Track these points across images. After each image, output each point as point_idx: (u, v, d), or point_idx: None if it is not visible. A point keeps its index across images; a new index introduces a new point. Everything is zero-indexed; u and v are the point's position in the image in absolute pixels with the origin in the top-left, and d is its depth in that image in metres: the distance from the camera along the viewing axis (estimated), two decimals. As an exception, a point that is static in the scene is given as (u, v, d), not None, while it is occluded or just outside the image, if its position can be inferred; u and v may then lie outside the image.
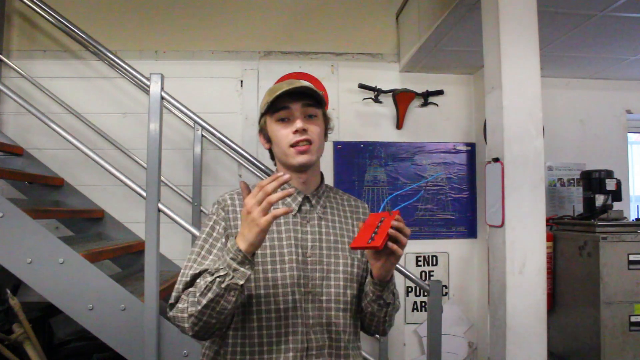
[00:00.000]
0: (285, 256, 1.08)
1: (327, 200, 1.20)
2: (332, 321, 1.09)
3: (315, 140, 1.11)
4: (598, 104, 3.20)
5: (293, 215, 1.13)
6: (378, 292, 1.08)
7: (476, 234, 3.10)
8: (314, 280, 1.09)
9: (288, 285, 1.07)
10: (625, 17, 2.20)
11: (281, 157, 1.14)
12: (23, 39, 2.95)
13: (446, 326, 2.59)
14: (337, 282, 1.11)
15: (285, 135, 1.10)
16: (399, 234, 0.98)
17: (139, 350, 1.81)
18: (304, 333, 1.06)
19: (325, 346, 1.08)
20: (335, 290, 1.10)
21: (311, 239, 1.12)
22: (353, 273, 1.14)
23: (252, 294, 1.06)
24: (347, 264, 1.13)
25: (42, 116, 2.05)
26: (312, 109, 1.12)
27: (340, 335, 1.10)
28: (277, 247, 1.09)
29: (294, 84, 1.11)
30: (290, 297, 1.07)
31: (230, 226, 1.11)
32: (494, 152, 1.74)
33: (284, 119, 1.11)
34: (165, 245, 2.07)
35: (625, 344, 2.25)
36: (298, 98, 1.10)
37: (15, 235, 1.86)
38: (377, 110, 3.08)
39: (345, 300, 1.11)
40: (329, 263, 1.11)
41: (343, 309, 1.11)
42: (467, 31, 2.34)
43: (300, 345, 1.05)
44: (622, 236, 2.28)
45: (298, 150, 1.09)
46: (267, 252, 1.08)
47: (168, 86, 1.96)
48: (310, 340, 1.07)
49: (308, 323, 1.07)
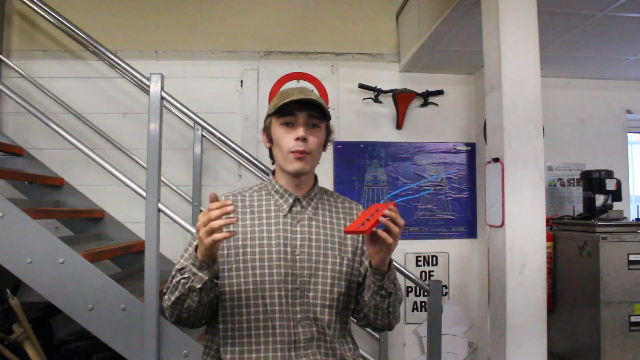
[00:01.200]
0: (273, 254, 1.14)
1: (320, 202, 1.25)
2: (317, 317, 1.14)
3: (313, 151, 1.18)
4: (598, 104, 3.21)
5: (283, 215, 1.19)
6: (379, 282, 1.11)
7: (476, 234, 3.10)
8: (302, 277, 1.15)
9: (275, 282, 1.13)
10: (625, 17, 2.20)
11: (279, 159, 1.20)
12: (23, 39, 2.95)
13: (446, 326, 2.59)
14: (324, 279, 1.16)
15: (288, 140, 1.16)
16: (389, 222, 1.00)
17: (139, 350, 1.81)
18: (291, 327, 1.12)
19: (313, 339, 1.14)
20: (322, 287, 1.15)
21: (300, 238, 1.18)
22: (342, 272, 1.18)
23: (241, 289, 1.13)
24: (335, 262, 1.18)
25: (42, 116, 2.05)
26: (317, 120, 1.18)
27: (325, 330, 1.15)
28: (266, 246, 1.15)
29: (306, 94, 1.17)
30: (276, 292, 1.12)
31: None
32: (494, 152, 1.74)
33: (288, 124, 1.17)
34: (165, 245, 2.07)
35: (625, 344, 2.25)
36: (305, 107, 1.16)
37: (15, 235, 1.86)
38: (377, 110, 3.08)
39: (332, 297, 1.16)
40: (318, 261, 1.16)
41: (329, 306, 1.16)
42: (467, 31, 2.34)
43: (288, 338, 1.11)
44: (622, 236, 2.28)
45: (296, 156, 1.15)
46: (256, 249, 1.15)
47: (168, 86, 1.96)
48: (298, 334, 1.12)
49: (295, 317, 1.13)
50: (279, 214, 1.19)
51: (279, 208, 1.20)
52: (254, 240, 1.16)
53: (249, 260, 1.14)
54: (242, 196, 1.24)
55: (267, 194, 1.23)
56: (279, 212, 1.20)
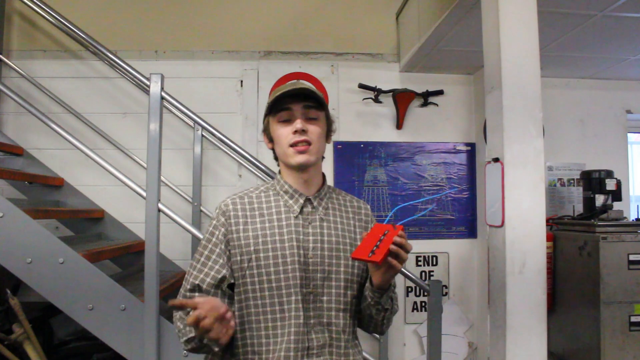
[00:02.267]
0: (287, 257, 1.10)
1: (329, 201, 1.22)
2: (332, 321, 1.11)
3: (315, 141, 1.13)
4: (598, 104, 3.21)
5: (295, 216, 1.15)
6: (376, 298, 1.11)
7: (476, 234, 3.10)
8: (315, 281, 1.11)
9: (291, 287, 1.09)
10: (625, 17, 2.20)
11: (282, 156, 1.17)
12: (23, 39, 2.95)
13: (446, 326, 2.59)
14: (338, 282, 1.13)
15: (286, 135, 1.12)
16: (400, 250, 0.99)
17: (139, 350, 1.81)
18: (305, 332, 1.08)
19: (326, 345, 1.10)
20: (336, 291, 1.12)
21: (312, 241, 1.13)
22: (354, 274, 1.16)
23: (257, 295, 1.10)
24: (348, 265, 1.15)
25: (42, 116, 2.06)
26: (313, 111, 1.14)
27: (340, 335, 1.12)
28: (280, 249, 1.11)
29: (295, 85, 1.14)
30: (292, 297, 1.09)
31: (232, 231, 1.14)
32: (494, 152, 1.74)
33: (285, 120, 1.13)
34: (165, 245, 2.07)
35: (625, 344, 2.25)
36: (299, 99, 1.13)
37: (15, 235, 1.86)
38: (377, 110, 3.08)
39: (346, 301, 1.14)
40: (330, 264, 1.13)
41: (343, 310, 1.13)
42: (467, 31, 2.34)
43: (301, 345, 1.07)
44: (622, 236, 2.28)
45: (297, 150, 1.12)
46: (270, 254, 1.10)
47: (168, 86, 1.96)
48: (312, 340, 1.09)
49: (309, 323, 1.09)
50: (289, 216, 1.15)
51: (289, 209, 1.15)
52: (266, 245, 1.11)
53: (262, 266, 1.10)
54: (249, 198, 1.18)
55: (276, 194, 1.18)
56: (290, 213, 1.15)
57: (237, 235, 1.12)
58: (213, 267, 1.12)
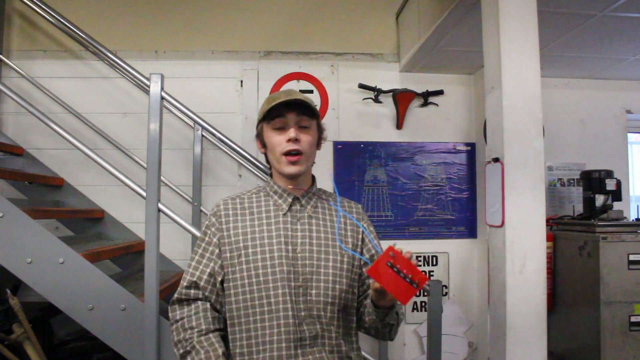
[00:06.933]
0: (274, 252, 1.16)
1: (319, 201, 1.27)
2: (321, 314, 1.16)
3: (307, 150, 1.20)
4: (598, 104, 3.20)
5: (283, 214, 1.21)
6: (382, 315, 1.14)
7: (476, 234, 3.10)
8: (304, 274, 1.16)
9: (278, 280, 1.14)
10: (625, 17, 2.20)
11: (274, 163, 1.23)
12: (23, 39, 2.95)
13: (446, 326, 2.59)
14: (326, 277, 1.17)
15: (279, 142, 1.19)
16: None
17: (139, 350, 1.81)
18: (296, 324, 1.13)
19: (318, 336, 1.15)
20: (324, 285, 1.16)
21: (301, 236, 1.19)
22: (342, 269, 1.19)
23: (246, 289, 1.15)
24: (336, 260, 1.19)
25: (42, 116, 2.05)
26: (306, 119, 1.20)
27: (331, 327, 1.16)
28: (267, 245, 1.17)
29: (291, 95, 1.19)
30: (279, 290, 1.14)
31: (222, 229, 1.21)
32: (494, 152, 1.74)
33: (279, 128, 1.19)
34: (165, 245, 2.07)
35: (625, 344, 2.25)
36: (293, 108, 1.18)
37: (15, 235, 1.86)
38: (377, 110, 3.08)
39: (334, 294, 1.17)
40: (319, 259, 1.18)
41: (331, 303, 1.17)
42: (467, 31, 2.34)
43: (293, 336, 1.12)
44: (622, 236, 2.28)
45: (289, 160, 1.18)
46: (258, 249, 1.17)
47: (168, 86, 1.96)
48: (303, 332, 1.13)
49: (300, 315, 1.14)
50: (278, 214, 1.21)
51: (278, 208, 1.22)
52: (254, 241, 1.17)
53: (251, 261, 1.16)
54: (240, 199, 1.26)
55: (266, 195, 1.26)
56: (279, 211, 1.21)
57: (228, 233, 1.20)
58: (208, 265, 1.20)
